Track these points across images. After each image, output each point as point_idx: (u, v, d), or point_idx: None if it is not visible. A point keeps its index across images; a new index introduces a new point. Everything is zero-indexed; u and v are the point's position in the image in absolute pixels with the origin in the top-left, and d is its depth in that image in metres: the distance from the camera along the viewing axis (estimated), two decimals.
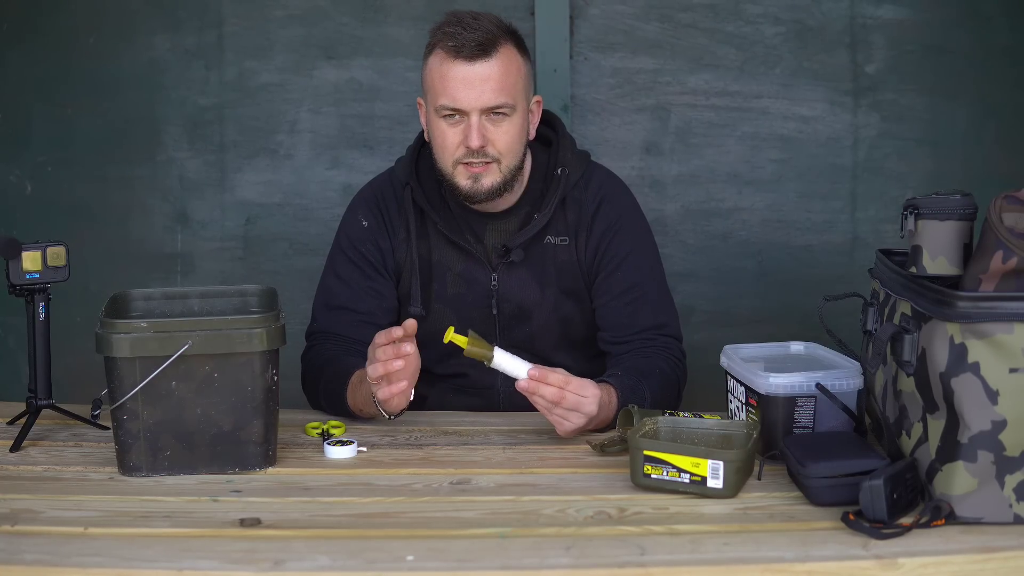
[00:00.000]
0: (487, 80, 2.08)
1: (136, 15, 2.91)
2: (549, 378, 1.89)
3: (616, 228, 2.23)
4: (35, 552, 1.48)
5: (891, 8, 2.90)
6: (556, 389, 1.88)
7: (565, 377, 1.90)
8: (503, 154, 2.12)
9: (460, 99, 2.08)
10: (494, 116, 2.10)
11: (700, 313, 2.94)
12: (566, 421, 1.91)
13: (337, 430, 2.03)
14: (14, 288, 1.96)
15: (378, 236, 2.25)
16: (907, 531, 1.50)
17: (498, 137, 2.11)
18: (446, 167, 2.14)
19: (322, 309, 2.26)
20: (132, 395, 1.75)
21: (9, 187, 2.96)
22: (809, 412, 1.80)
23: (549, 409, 1.90)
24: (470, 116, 2.09)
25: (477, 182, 2.13)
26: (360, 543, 1.53)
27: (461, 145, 2.11)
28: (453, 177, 2.14)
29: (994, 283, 1.53)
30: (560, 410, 1.90)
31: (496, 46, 2.09)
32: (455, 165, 2.13)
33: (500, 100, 2.09)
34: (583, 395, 1.90)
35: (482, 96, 2.08)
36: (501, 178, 2.14)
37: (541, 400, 1.90)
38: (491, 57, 2.08)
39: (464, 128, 2.10)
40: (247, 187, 2.96)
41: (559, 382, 1.89)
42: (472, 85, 2.07)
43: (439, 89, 2.09)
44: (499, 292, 2.23)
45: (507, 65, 2.10)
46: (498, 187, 2.15)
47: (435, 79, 2.10)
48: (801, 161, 2.94)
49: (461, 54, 2.07)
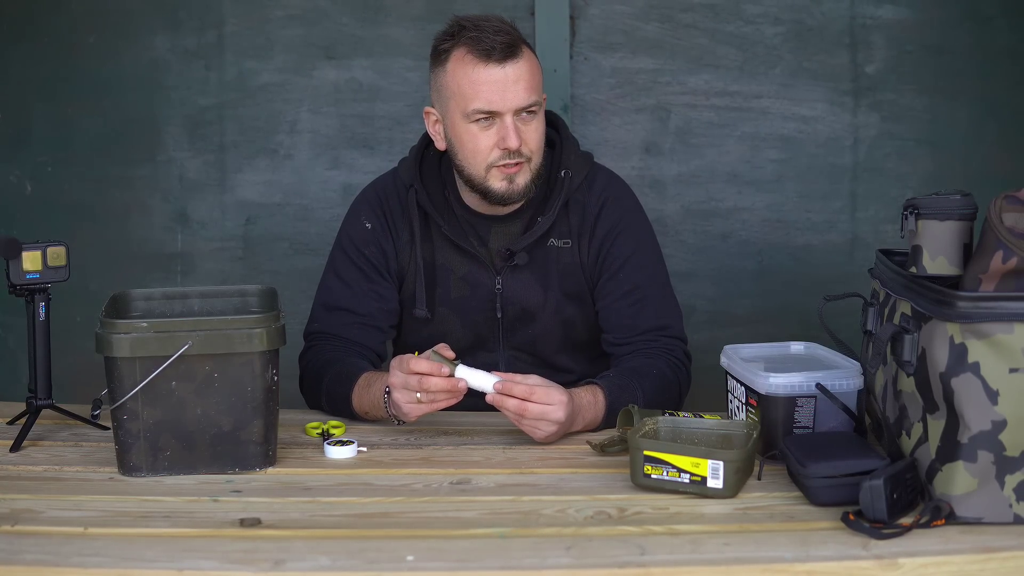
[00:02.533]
0: (518, 80, 2.08)
1: (136, 15, 2.91)
2: (513, 390, 1.88)
3: (619, 230, 2.23)
4: (35, 552, 1.49)
5: (891, 8, 2.90)
6: (518, 402, 1.88)
7: (529, 388, 1.89)
8: (534, 152, 2.14)
9: (495, 101, 2.08)
10: (525, 115, 2.11)
11: (700, 313, 2.94)
12: (537, 430, 1.91)
13: (337, 430, 2.03)
14: (14, 288, 1.96)
15: (381, 238, 2.25)
16: (907, 531, 1.50)
17: (530, 136, 2.12)
18: (478, 172, 2.13)
19: (322, 310, 2.25)
20: (132, 395, 1.75)
21: (9, 187, 2.96)
22: (809, 412, 1.80)
23: (517, 420, 1.91)
24: (504, 117, 2.09)
25: (512, 183, 2.13)
26: (360, 543, 1.53)
27: (495, 148, 2.11)
28: (486, 181, 2.13)
29: (994, 283, 1.53)
30: (527, 421, 1.90)
31: (520, 46, 2.11)
32: (488, 169, 2.12)
33: (532, 99, 2.10)
34: (548, 403, 1.89)
35: (517, 97, 2.09)
36: (532, 176, 2.15)
37: (507, 413, 1.90)
38: (519, 58, 2.09)
39: (498, 130, 2.10)
40: (247, 187, 2.95)
41: (522, 393, 1.89)
42: (506, 87, 2.08)
43: (471, 94, 2.09)
44: (503, 295, 2.23)
45: (532, 64, 2.12)
46: (530, 186, 2.15)
47: (463, 85, 2.09)
48: (801, 161, 2.94)
49: (493, 57, 2.07)
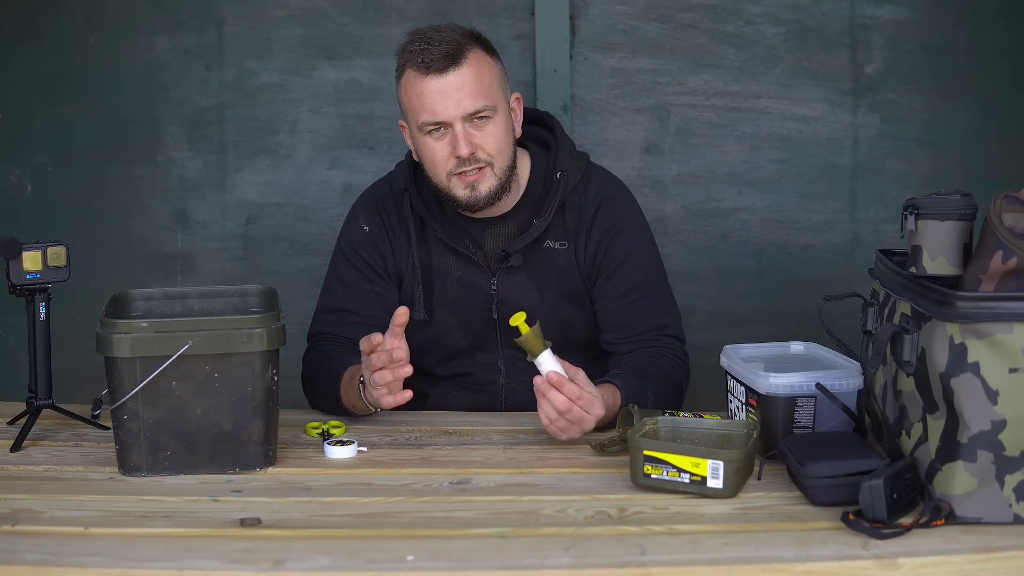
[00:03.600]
0: (461, 88, 2.09)
1: (136, 15, 2.91)
2: (564, 388, 1.87)
3: (615, 231, 2.23)
4: (35, 552, 1.49)
5: (891, 8, 2.90)
6: (567, 401, 1.87)
7: (579, 391, 1.88)
8: (494, 156, 2.13)
9: (440, 111, 2.09)
10: (477, 121, 2.11)
11: (700, 313, 2.94)
12: (563, 432, 1.90)
13: (337, 430, 2.03)
14: (14, 288, 1.96)
15: (379, 241, 2.26)
16: (907, 531, 1.50)
17: (485, 140, 2.12)
18: (441, 182, 2.15)
19: (323, 312, 2.27)
20: (132, 395, 1.75)
21: (9, 187, 2.96)
22: (809, 412, 1.80)
23: (551, 417, 1.88)
24: (454, 126, 2.10)
25: (475, 190, 2.14)
26: (360, 543, 1.53)
27: (451, 157, 2.11)
28: (450, 190, 2.15)
29: (994, 283, 1.53)
30: (563, 420, 1.88)
31: (463, 53, 2.10)
32: (449, 177, 2.14)
33: (479, 104, 2.10)
34: (588, 412, 1.89)
35: (461, 104, 2.09)
36: (497, 181, 2.15)
37: (547, 405, 1.88)
38: (460, 65, 2.09)
39: (450, 139, 2.11)
40: (247, 187, 2.96)
41: (573, 395, 1.87)
42: (448, 95, 2.08)
43: (418, 107, 2.11)
44: (499, 297, 2.23)
45: (478, 69, 2.11)
46: (496, 190, 2.15)
47: (412, 99, 2.12)
48: (801, 161, 2.94)
49: (432, 68, 2.08)
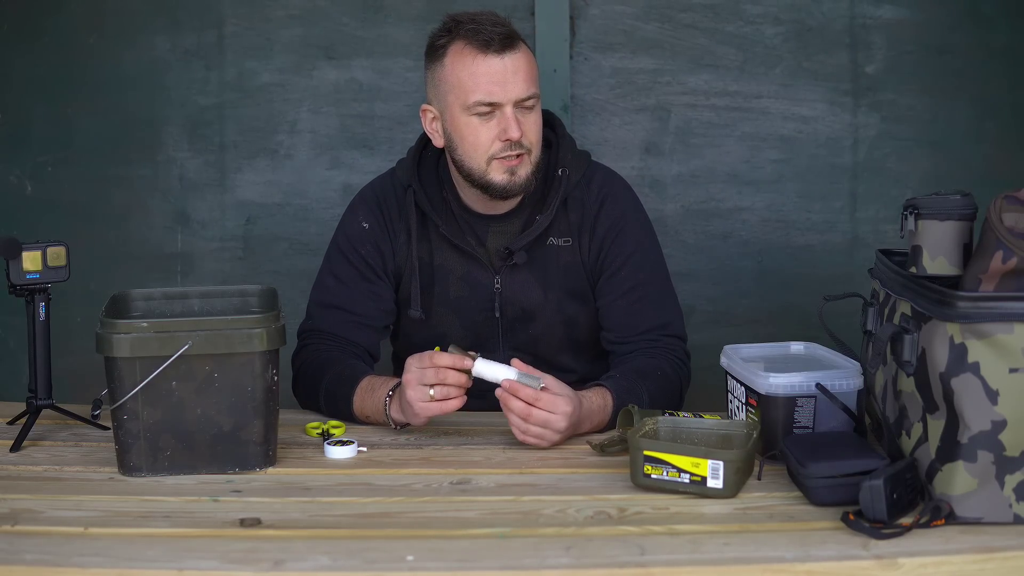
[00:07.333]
0: (518, 71, 2.08)
1: (137, 15, 2.91)
2: (520, 392, 1.87)
3: (619, 228, 2.22)
4: (35, 552, 1.49)
5: (891, 8, 2.90)
6: (523, 405, 1.87)
7: (536, 392, 1.88)
8: (534, 144, 2.13)
9: (496, 92, 2.08)
10: (523, 107, 2.10)
11: (700, 313, 2.93)
12: (537, 439, 1.89)
13: (337, 430, 2.03)
14: (14, 288, 1.96)
15: (379, 238, 2.24)
16: (907, 531, 1.50)
17: (529, 127, 2.12)
18: (478, 165, 2.12)
19: (317, 307, 2.24)
20: (132, 395, 1.75)
21: (9, 187, 2.96)
22: (809, 412, 1.80)
23: (519, 425, 1.88)
24: (504, 109, 2.09)
25: (514, 175, 2.12)
26: (360, 543, 1.53)
27: (496, 140, 2.10)
28: (487, 174, 2.12)
29: (994, 283, 1.53)
30: (531, 427, 1.88)
31: (518, 38, 2.11)
32: (489, 161, 2.11)
33: (532, 90, 2.10)
34: (552, 411, 1.88)
35: (516, 87, 2.08)
36: (532, 169, 2.14)
37: (509, 414, 1.89)
38: (517, 49, 2.09)
39: (499, 122, 2.09)
40: (247, 187, 2.95)
41: (529, 397, 1.87)
42: (506, 77, 2.08)
43: (471, 86, 2.08)
44: (502, 295, 2.23)
45: (529, 56, 2.12)
46: (531, 178, 2.14)
47: (464, 77, 2.09)
48: (801, 161, 2.94)
49: (492, 48, 2.07)
